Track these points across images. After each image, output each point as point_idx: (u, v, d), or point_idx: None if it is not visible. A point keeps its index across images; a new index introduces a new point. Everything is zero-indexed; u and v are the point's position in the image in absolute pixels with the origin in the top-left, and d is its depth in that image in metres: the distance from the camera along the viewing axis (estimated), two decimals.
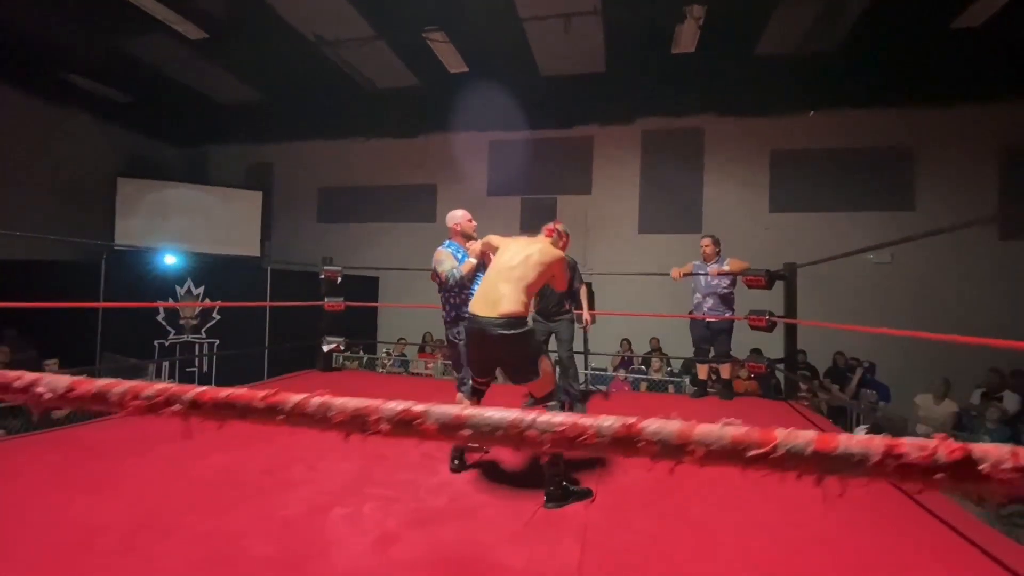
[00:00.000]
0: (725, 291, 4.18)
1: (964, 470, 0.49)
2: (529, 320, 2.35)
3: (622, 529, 1.92)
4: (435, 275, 2.87)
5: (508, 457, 2.70)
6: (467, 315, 2.40)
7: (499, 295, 2.25)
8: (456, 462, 2.53)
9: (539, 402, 2.41)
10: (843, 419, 5.94)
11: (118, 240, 7.33)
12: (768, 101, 7.70)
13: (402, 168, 9.71)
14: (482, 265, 2.90)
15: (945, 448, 0.50)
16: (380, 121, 9.20)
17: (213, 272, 7.43)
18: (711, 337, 4.22)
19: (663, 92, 7.94)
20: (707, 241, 4.33)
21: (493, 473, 2.48)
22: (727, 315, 4.16)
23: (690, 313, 4.39)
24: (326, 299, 4.92)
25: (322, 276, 4.92)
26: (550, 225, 2.79)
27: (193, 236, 7.75)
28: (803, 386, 6.13)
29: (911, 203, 7.59)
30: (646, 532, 1.90)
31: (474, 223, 3.05)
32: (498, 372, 2.82)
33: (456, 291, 2.88)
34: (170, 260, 7.39)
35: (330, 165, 10.11)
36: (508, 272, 2.31)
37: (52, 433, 3.04)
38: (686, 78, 7.46)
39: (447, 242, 2.98)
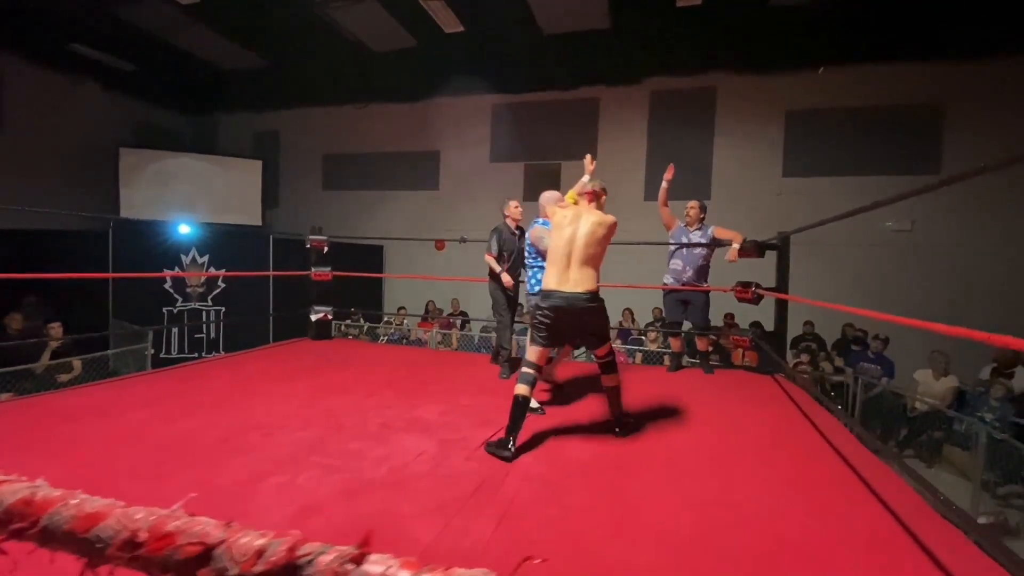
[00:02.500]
0: (704, 262, 4.00)
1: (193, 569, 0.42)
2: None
3: (548, 504, 1.91)
4: (539, 252, 3.25)
5: (475, 432, 2.71)
6: (544, 291, 2.57)
7: (578, 274, 2.50)
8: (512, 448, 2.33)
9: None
10: (842, 394, 5.80)
11: (123, 210, 7.52)
12: (784, 57, 7.22)
13: (405, 134, 9.58)
14: None
15: (184, 541, 0.43)
16: (380, 86, 9.04)
17: (217, 241, 7.57)
18: (686, 310, 4.05)
19: (672, 49, 7.52)
20: (693, 203, 4.11)
21: (454, 446, 2.49)
22: (704, 287, 4.00)
23: (664, 284, 4.17)
24: (313, 269, 4.96)
25: (308, 246, 4.94)
26: (588, 188, 2.76)
27: (195, 206, 7.89)
28: (804, 358, 5.98)
29: (937, 166, 7.11)
30: (572, 507, 1.88)
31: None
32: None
33: None
34: (184, 229, 7.57)
35: (334, 132, 10.05)
36: (582, 251, 2.52)
37: (40, 397, 3.18)
38: (697, 33, 7.03)
39: (541, 220, 3.24)
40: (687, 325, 4.22)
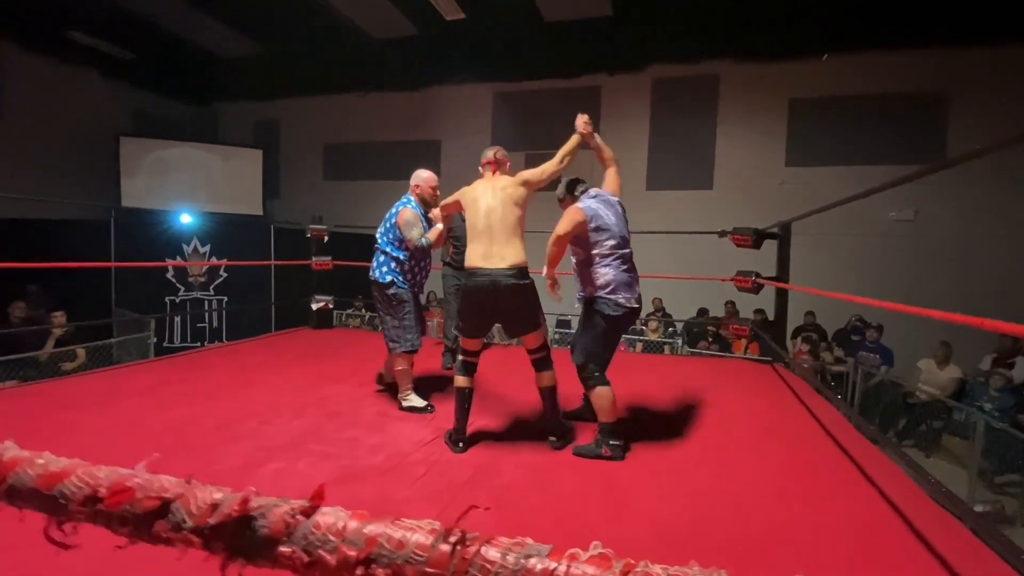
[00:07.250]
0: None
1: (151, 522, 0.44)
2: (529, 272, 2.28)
3: (541, 491, 1.92)
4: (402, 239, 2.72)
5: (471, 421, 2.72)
6: (468, 270, 2.25)
7: (501, 246, 2.20)
8: (460, 444, 2.29)
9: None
10: (842, 382, 5.80)
11: (124, 199, 7.52)
12: (787, 44, 7.11)
13: (406, 123, 9.53)
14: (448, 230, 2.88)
15: (142, 496, 0.44)
16: (381, 74, 8.96)
17: (219, 231, 7.58)
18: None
19: (675, 36, 7.41)
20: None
21: (439, 434, 2.50)
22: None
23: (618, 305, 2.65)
24: (314, 258, 4.97)
25: (308, 235, 4.94)
26: (489, 157, 2.42)
27: (196, 195, 7.89)
28: (804, 347, 5.97)
29: (943, 154, 7.03)
30: (565, 495, 1.90)
31: (437, 191, 2.86)
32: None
33: (419, 257, 2.84)
34: (186, 219, 7.58)
35: (335, 122, 10.00)
36: (502, 218, 2.21)
37: (40, 385, 3.21)
38: (699, 20, 6.94)
39: (409, 198, 2.82)
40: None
